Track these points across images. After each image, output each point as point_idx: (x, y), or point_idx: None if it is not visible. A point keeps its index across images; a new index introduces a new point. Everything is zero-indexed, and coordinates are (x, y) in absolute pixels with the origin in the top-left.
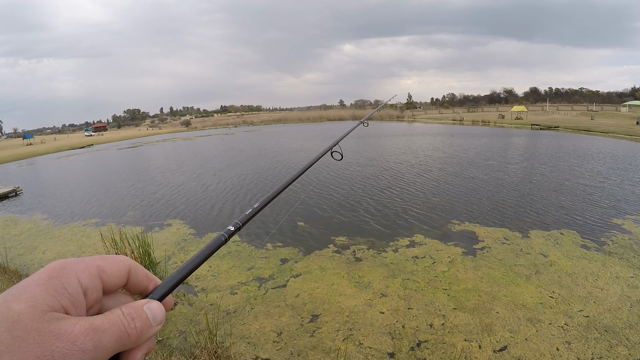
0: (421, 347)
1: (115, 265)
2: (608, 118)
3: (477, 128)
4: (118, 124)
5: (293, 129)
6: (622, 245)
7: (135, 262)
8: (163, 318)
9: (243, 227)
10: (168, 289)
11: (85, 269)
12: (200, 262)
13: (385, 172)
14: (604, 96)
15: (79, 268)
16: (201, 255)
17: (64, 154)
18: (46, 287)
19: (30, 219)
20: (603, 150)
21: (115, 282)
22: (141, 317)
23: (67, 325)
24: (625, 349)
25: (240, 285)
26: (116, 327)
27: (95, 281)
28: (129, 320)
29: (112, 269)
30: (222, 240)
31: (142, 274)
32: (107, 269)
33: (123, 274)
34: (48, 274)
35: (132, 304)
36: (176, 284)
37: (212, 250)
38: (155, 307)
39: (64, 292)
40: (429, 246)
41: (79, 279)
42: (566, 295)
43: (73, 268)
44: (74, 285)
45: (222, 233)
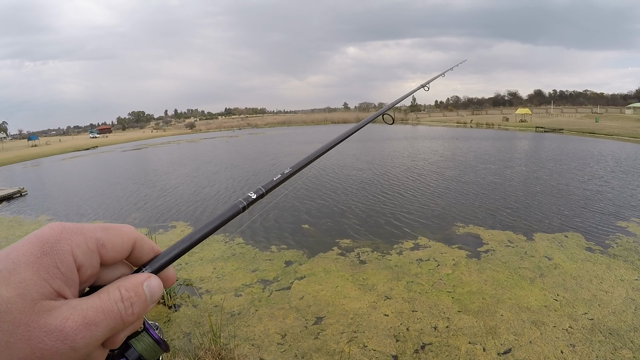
0: (425, 350)
1: (117, 238)
2: (613, 120)
3: (481, 131)
4: (122, 126)
5: (297, 131)
6: (627, 247)
7: (141, 234)
8: (160, 295)
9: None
10: (168, 260)
11: (82, 243)
12: (209, 232)
13: (389, 175)
14: (609, 98)
15: (76, 242)
16: (213, 223)
17: (68, 155)
18: (37, 267)
19: (35, 220)
20: (607, 153)
21: (116, 257)
22: (140, 300)
23: (59, 320)
24: (630, 352)
25: (245, 287)
26: (112, 316)
27: (93, 257)
28: (127, 306)
29: (114, 242)
30: (239, 208)
31: (148, 247)
32: (108, 243)
33: (125, 248)
34: (40, 249)
35: (131, 281)
36: (177, 255)
37: (226, 218)
38: (155, 284)
39: (57, 272)
40: (433, 249)
41: (74, 255)
42: (571, 298)
43: (69, 241)
44: (67, 263)
45: (241, 200)
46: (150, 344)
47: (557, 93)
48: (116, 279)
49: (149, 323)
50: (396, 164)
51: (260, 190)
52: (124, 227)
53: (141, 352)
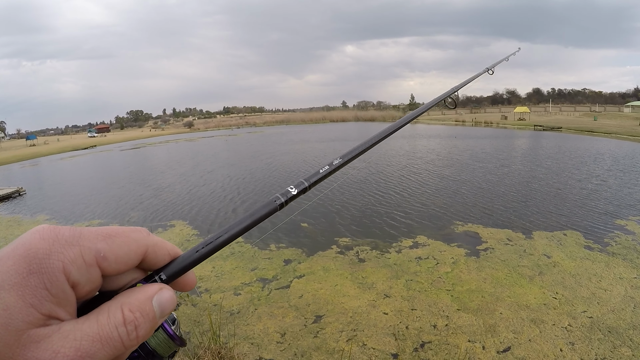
0: (425, 348)
1: (123, 248)
2: (611, 119)
3: (480, 129)
4: (121, 125)
5: (296, 129)
6: (626, 246)
7: (156, 238)
8: (172, 309)
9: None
10: (187, 265)
11: (77, 257)
12: (241, 231)
13: (388, 174)
14: (607, 97)
15: (69, 257)
16: (243, 223)
17: (67, 154)
18: (23, 290)
19: (33, 220)
20: (606, 152)
21: (120, 269)
22: (147, 320)
23: (48, 354)
24: (629, 350)
25: (244, 285)
26: (111, 345)
27: (91, 272)
28: (131, 331)
29: (118, 254)
30: (276, 205)
31: (163, 253)
32: (110, 255)
33: (133, 258)
34: (27, 268)
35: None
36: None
37: (259, 217)
38: (167, 298)
39: (46, 294)
40: (433, 247)
41: (67, 272)
42: (570, 296)
43: (60, 257)
44: (58, 283)
45: (277, 195)
46: (165, 340)
47: (555, 91)
48: (127, 284)
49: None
50: (394, 162)
51: (302, 184)
52: (133, 233)
53: (155, 347)
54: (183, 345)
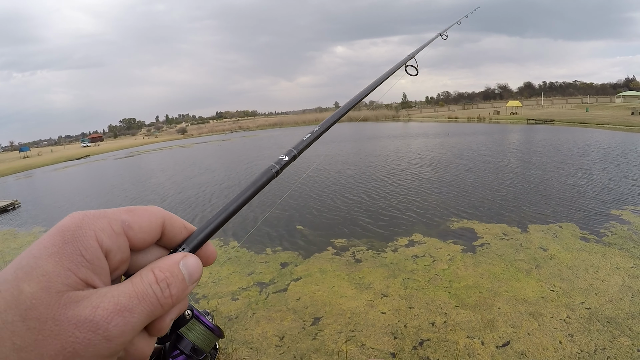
0: (424, 346)
1: (144, 218)
2: (603, 110)
3: (473, 125)
4: (114, 133)
5: (287, 132)
6: (622, 235)
7: (170, 213)
8: (200, 275)
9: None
10: (204, 236)
11: (106, 227)
12: (244, 202)
13: (381, 173)
14: (598, 88)
15: (99, 226)
16: (244, 193)
17: (60, 165)
18: (60, 257)
19: (29, 232)
20: (599, 143)
21: (146, 239)
22: (177, 280)
23: (87, 309)
24: (629, 339)
25: (241, 290)
26: (147, 301)
27: (120, 240)
28: (164, 288)
29: (141, 223)
30: (272, 173)
31: (179, 225)
32: (135, 224)
33: (155, 229)
34: (61, 239)
35: (165, 262)
36: (213, 230)
37: (259, 186)
38: (193, 263)
39: (81, 260)
40: (428, 245)
41: (99, 239)
42: (567, 288)
43: (91, 226)
44: (92, 249)
45: (273, 164)
46: (203, 331)
47: (547, 84)
48: None
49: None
50: (387, 162)
51: (292, 152)
52: (150, 207)
53: (194, 341)
54: (222, 336)
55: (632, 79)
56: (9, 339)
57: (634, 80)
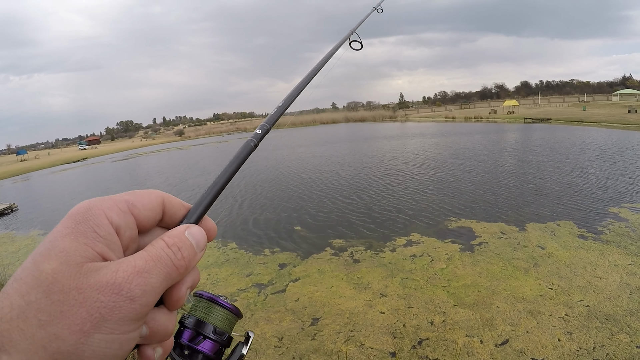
0: (423, 345)
1: (146, 198)
2: (600, 108)
3: (470, 125)
4: (111, 136)
5: (287, 133)
6: (619, 233)
7: (167, 193)
8: (205, 243)
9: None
10: (202, 210)
11: (113, 206)
12: (230, 175)
13: (377, 174)
14: (595, 86)
15: (106, 206)
16: (229, 168)
17: (58, 168)
18: (75, 235)
19: (27, 235)
20: (596, 141)
21: (150, 217)
22: (186, 245)
23: (108, 274)
24: (627, 336)
25: (240, 292)
26: (162, 263)
27: (127, 217)
28: (175, 251)
29: (143, 202)
30: (250, 146)
31: (177, 204)
32: (138, 203)
33: (156, 207)
34: (73, 220)
35: (172, 232)
36: (209, 204)
37: (241, 160)
38: (197, 231)
39: (95, 236)
40: (427, 244)
41: (109, 217)
42: (565, 286)
43: (99, 207)
44: (104, 225)
45: (251, 138)
46: (222, 312)
47: (543, 83)
48: None
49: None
50: (384, 162)
51: (264, 126)
52: (150, 190)
53: (214, 323)
54: (240, 316)
55: (629, 77)
56: (34, 317)
57: (631, 79)
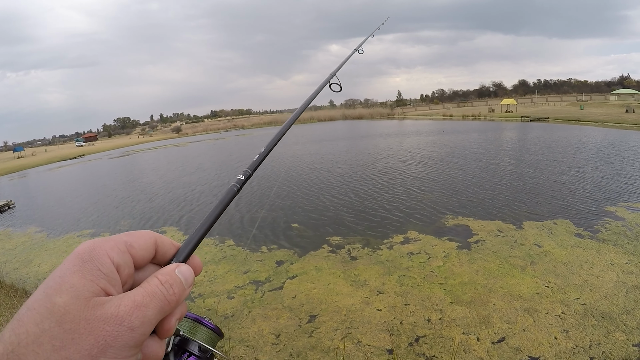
0: (420, 342)
1: (141, 239)
2: (597, 107)
3: (468, 123)
4: (109, 133)
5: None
6: (616, 232)
7: (159, 234)
8: (193, 279)
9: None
10: (189, 250)
11: (114, 247)
12: (215, 218)
13: (376, 171)
14: (593, 86)
15: (108, 246)
16: (215, 211)
17: (55, 165)
18: (82, 273)
19: (24, 233)
20: (593, 140)
21: (144, 256)
22: (177, 282)
23: (112, 308)
24: (623, 335)
25: (237, 289)
26: (157, 298)
27: (126, 257)
28: (168, 287)
29: (139, 242)
30: (234, 191)
31: (168, 243)
32: (135, 244)
33: (150, 247)
34: (80, 259)
35: (164, 270)
36: (196, 244)
37: (225, 204)
38: (185, 269)
39: (100, 274)
40: (424, 242)
41: (110, 257)
42: (562, 284)
43: (102, 247)
44: (107, 264)
45: (234, 184)
46: (206, 332)
47: (541, 82)
48: None
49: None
50: (381, 160)
51: (247, 172)
52: (144, 231)
53: (201, 341)
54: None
55: (627, 77)
56: (48, 343)
57: (628, 78)
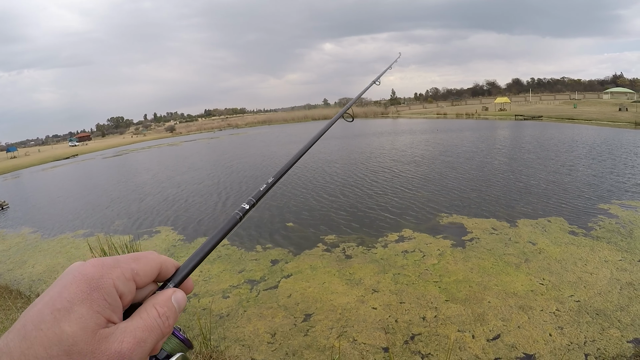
0: (415, 340)
1: (147, 266)
2: (591, 106)
3: (462, 121)
4: (102, 132)
5: (279, 130)
6: (610, 229)
7: (164, 257)
8: (185, 305)
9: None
10: (187, 273)
11: (120, 275)
12: (216, 243)
13: (370, 170)
14: (586, 84)
15: (115, 275)
16: (216, 237)
17: (48, 165)
18: (90, 303)
19: (17, 233)
20: (586, 138)
21: (147, 282)
22: (172, 312)
23: (116, 344)
24: (618, 331)
25: (232, 288)
26: (155, 332)
27: (130, 285)
28: (164, 320)
29: (145, 270)
30: (236, 219)
31: (170, 265)
32: (141, 271)
33: (154, 272)
34: (88, 286)
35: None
36: (193, 267)
37: (227, 230)
38: (180, 297)
39: (105, 304)
40: (418, 240)
41: (116, 286)
42: (556, 282)
43: (110, 276)
44: (112, 294)
45: (237, 212)
46: (177, 343)
47: (535, 81)
48: (147, 295)
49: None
50: (376, 158)
51: (251, 201)
52: (150, 255)
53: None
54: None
55: (620, 76)
56: None
57: (622, 77)
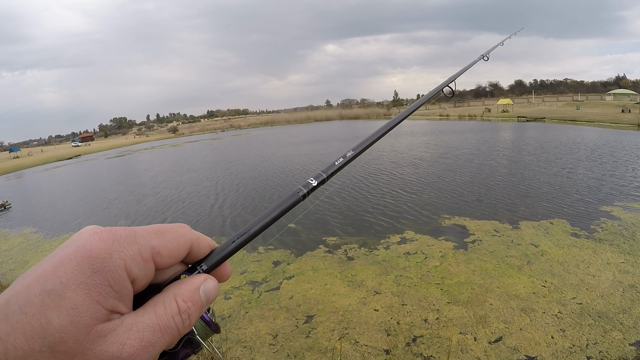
0: (417, 342)
1: (173, 243)
2: (593, 107)
3: (464, 123)
4: (105, 133)
5: (281, 131)
6: (612, 231)
7: (197, 233)
8: (215, 297)
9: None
10: (224, 256)
11: (136, 255)
12: (266, 224)
13: (373, 171)
14: (589, 86)
15: (129, 254)
16: (271, 214)
17: (51, 165)
18: (88, 289)
19: (20, 233)
20: (589, 140)
21: (171, 263)
22: (197, 308)
23: (115, 346)
24: (620, 334)
25: (234, 289)
26: (169, 333)
27: (148, 267)
28: (185, 319)
29: (170, 248)
30: (299, 196)
31: (205, 245)
32: (164, 250)
33: (182, 252)
34: (90, 267)
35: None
36: (234, 251)
37: (286, 207)
38: (211, 287)
39: (109, 291)
40: (420, 242)
41: (128, 269)
42: (558, 284)
43: (121, 254)
44: (120, 279)
45: (301, 187)
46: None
47: (537, 82)
48: (170, 277)
49: None
50: (378, 160)
51: (321, 176)
52: (180, 229)
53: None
54: (218, 331)
55: (623, 77)
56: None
57: (624, 79)
